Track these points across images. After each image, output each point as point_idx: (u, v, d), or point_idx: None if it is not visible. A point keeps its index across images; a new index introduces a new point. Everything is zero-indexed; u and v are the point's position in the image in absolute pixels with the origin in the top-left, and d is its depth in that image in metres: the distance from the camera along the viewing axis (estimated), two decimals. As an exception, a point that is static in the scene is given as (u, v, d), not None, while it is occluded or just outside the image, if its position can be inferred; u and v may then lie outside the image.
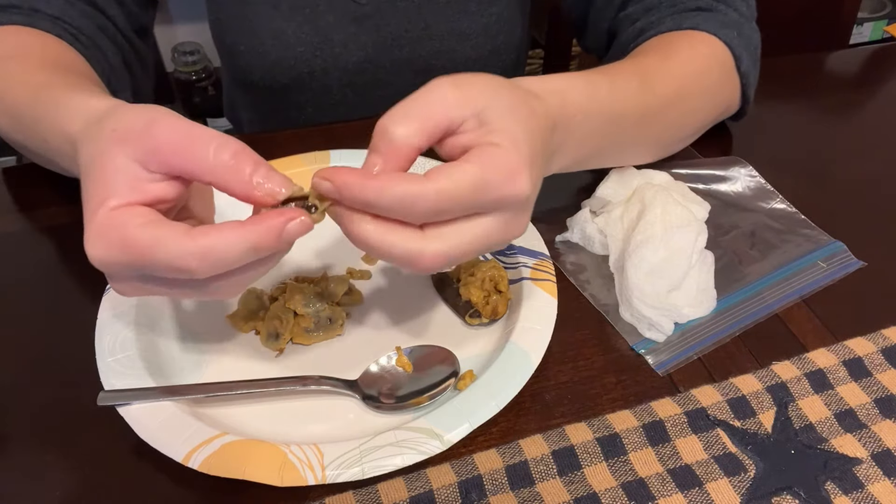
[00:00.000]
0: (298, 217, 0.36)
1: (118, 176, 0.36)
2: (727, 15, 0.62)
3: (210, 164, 0.35)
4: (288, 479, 0.40)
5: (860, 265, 0.56)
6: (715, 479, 0.43)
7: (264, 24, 0.76)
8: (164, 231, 0.35)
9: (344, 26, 0.77)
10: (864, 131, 0.74)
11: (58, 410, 0.47)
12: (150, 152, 0.36)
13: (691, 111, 0.60)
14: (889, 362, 0.49)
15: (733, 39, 0.60)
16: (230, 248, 0.35)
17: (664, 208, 0.53)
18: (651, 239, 0.52)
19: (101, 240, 0.35)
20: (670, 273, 0.51)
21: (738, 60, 0.61)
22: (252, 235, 0.35)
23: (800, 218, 0.60)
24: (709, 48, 0.60)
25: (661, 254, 0.51)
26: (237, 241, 0.35)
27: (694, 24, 0.60)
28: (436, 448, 0.42)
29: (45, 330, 0.52)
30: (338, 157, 0.62)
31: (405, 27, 0.77)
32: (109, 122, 0.38)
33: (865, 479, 0.43)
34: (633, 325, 0.51)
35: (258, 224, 0.35)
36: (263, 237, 0.35)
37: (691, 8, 0.63)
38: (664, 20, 0.62)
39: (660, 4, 0.64)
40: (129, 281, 0.38)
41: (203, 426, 0.43)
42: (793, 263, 0.56)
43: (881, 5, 2.01)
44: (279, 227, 0.35)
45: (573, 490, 0.42)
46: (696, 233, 0.53)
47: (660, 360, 0.49)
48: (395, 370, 0.48)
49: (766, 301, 0.53)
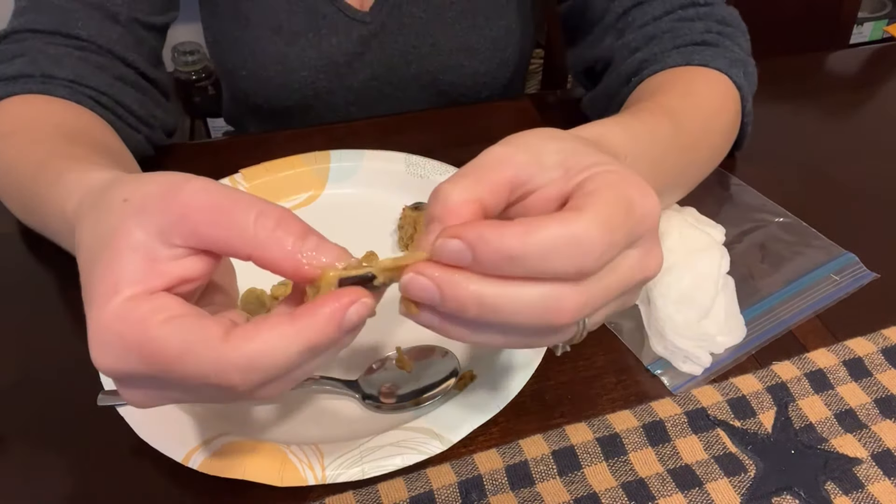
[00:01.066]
0: (360, 298, 0.30)
1: (134, 256, 0.29)
2: (733, 51, 0.60)
3: (251, 233, 0.29)
4: (288, 479, 0.40)
5: (873, 277, 0.55)
6: (715, 479, 0.43)
7: (265, 48, 0.74)
8: (196, 335, 0.28)
9: (349, 47, 0.75)
10: (865, 131, 0.74)
11: (58, 410, 0.47)
12: (175, 222, 0.29)
13: (716, 150, 0.58)
14: (889, 362, 0.49)
15: (741, 79, 0.59)
16: (281, 352, 0.28)
17: (681, 233, 0.52)
18: (674, 266, 0.50)
19: (114, 343, 0.29)
20: (699, 300, 0.49)
21: (745, 101, 0.60)
22: (308, 333, 0.29)
23: (809, 230, 0.59)
24: (723, 87, 0.58)
25: (686, 280, 0.50)
26: (289, 344, 0.28)
27: (704, 61, 0.58)
28: (436, 448, 0.42)
29: (46, 330, 0.52)
30: (338, 157, 0.62)
31: (412, 44, 0.76)
32: (119, 192, 0.31)
33: (865, 479, 0.43)
34: (667, 359, 0.49)
35: (312, 316, 0.29)
36: (321, 332, 0.29)
37: (697, 41, 0.60)
38: (669, 54, 0.59)
39: (662, 35, 0.61)
40: (148, 389, 0.31)
41: (203, 426, 0.43)
42: (805, 277, 0.55)
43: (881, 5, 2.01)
44: (339, 315, 0.29)
45: (573, 490, 0.42)
46: (720, 256, 0.51)
47: (675, 382, 0.48)
48: (395, 370, 0.48)
49: (781, 317, 0.52)
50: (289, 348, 0.29)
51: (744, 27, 0.63)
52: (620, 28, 0.64)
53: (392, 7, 0.75)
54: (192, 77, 1.74)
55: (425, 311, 0.31)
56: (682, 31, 0.61)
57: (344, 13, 0.74)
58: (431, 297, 0.30)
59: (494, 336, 0.32)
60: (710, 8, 0.62)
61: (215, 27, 0.78)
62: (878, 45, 0.91)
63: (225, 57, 0.78)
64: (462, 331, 0.31)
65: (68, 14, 0.59)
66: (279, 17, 0.74)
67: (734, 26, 0.62)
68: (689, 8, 0.62)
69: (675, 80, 0.58)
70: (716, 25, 0.61)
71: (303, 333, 0.29)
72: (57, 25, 0.59)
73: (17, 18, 0.61)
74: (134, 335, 0.28)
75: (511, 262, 0.28)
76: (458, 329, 0.31)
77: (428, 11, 0.75)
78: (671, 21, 0.62)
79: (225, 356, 0.28)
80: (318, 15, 0.74)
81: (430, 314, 0.31)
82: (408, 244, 0.56)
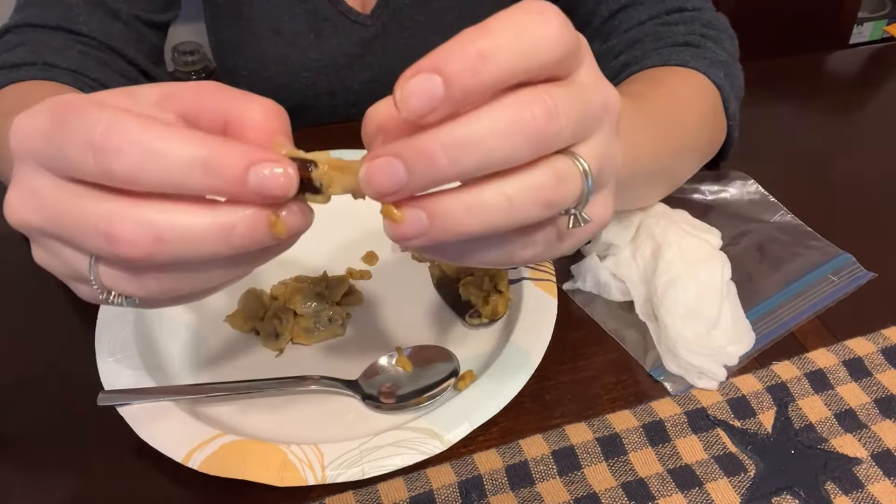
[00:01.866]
0: (284, 167, 0.26)
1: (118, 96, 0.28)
2: (715, 53, 0.58)
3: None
4: (288, 479, 0.40)
5: (871, 277, 0.55)
6: (715, 479, 0.43)
7: (267, 49, 0.75)
8: (119, 106, 0.26)
9: (350, 49, 0.76)
10: (865, 131, 0.74)
11: (58, 410, 0.47)
12: (167, 96, 0.28)
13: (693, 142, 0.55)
14: (889, 362, 0.49)
15: (721, 80, 0.57)
16: (173, 145, 0.25)
17: (680, 244, 0.51)
18: (677, 279, 0.49)
19: (40, 112, 0.26)
20: (706, 311, 0.49)
21: (727, 102, 0.58)
22: (211, 148, 0.25)
23: (806, 230, 0.59)
24: (700, 85, 0.56)
25: (691, 292, 0.49)
26: (188, 146, 0.25)
27: (682, 61, 0.56)
28: (436, 448, 0.42)
29: (46, 330, 0.52)
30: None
31: (412, 47, 0.76)
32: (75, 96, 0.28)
33: (865, 479, 0.43)
34: (682, 376, 0.48)
35: (224, 142, 0.26)
36: (224, 155, 0.25)
37: (679, 42, 0.59)
38: (649, 54, 0.58)
39: (645, 38, 0.61)
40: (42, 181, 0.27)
41: (203, 426, 0.43)
42: (804, 278, 0.55)
43: (881, 5, 2.01)
44: (251, 157, 0.25)
45: (573, 490, 0.42)
46: (722, 264, 0.51)
47: (678, 387, 0.48)
48: (395, 370, 0.48)
49: (782, 319, 0.52)
50: (185, 147, 0.25)
51: (731, 32, 0.63)
52: (606, 32, 0.65)
53: (393, 10, 0.75)
54: (192, 77, 1.74)
55: (408, 209, 0.27)
56: (665, 35, 0.60)
57: (346, 15, 0.74)
58: (396, 173, 0.25)
59: (493, 214, 0.27)
60: (696, 13, 0.62)
61: (217, 27, 0.78)
62: (878, 45, 0.91)
63: (227, 57, 0.79)
64: (456, 220, 0.27)
65: (70, 10, 0.60)
66: (281, 18, 0.74)
67: (720, 30, 0.61)
68: (675, 13, 0.62)
69: (647, 75, 0.57)
70: (700, 28, 0.60)
71: (206, 146, 0.25)
72: (58, 21, 0.59)
73: (18, 13, 0.61)
74: (60, 101, 0.26)
75: (484, 62, 0.25)
76: (453, 220, 0.27)
77: (428, 15, 0.75)
78: (655, 25, 0.62)
79: (118, 118, 0.25)
80: (319, 17, 0.74)
81: (414, 210, 0.27)
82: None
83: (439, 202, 0.27)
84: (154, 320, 0.51)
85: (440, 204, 0.27)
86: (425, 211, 0.27)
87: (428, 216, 0.27)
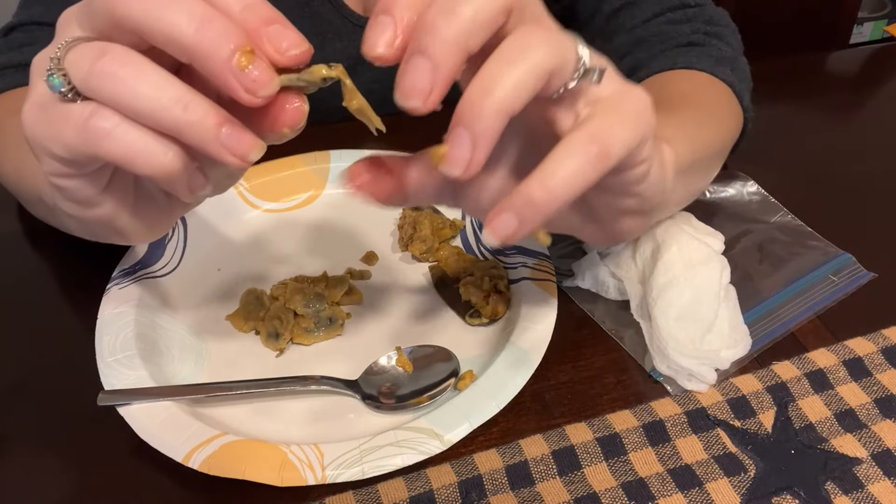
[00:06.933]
0: (271, 79, 0.30)
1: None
2: (720, 49, 0.59)
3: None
4: (288, 479, 0.40)
5: (871, 277, 0.55)
6: (715, 479, 0.43)
7: None
8: None
9: (352, 52, 0.75)
10: (865, 131, 0.74)
11: (58, 410, 0.47)
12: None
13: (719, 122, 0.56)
14: (889, 362, 0.49)
15: (729, 76, 0.57)
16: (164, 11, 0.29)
17: (680, 245, 0.51)
18: (674, 281, 0.49)
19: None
20: (701, 314, 0.48)
21: (740, 96, 0.58)
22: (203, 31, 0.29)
23: (806, 230, 0.59)
24: (707, 81, 0.56)
25: (687, 295, 0.49)
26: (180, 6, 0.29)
27: (688, 63, 0.57)
28: (436, 448, 0.42)
29: (45, 330, 0.52)
30: (338, 157, 0.62)
31: None
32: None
33: (865, 479, 0.43)
34: (672, 377, 0.48)
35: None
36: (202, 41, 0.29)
37: (683, 43, 0.59)
38: (655, 57, 0.59)
39: (650, 38, 0.61)
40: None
41: (203, 426, 0.43)
42: (804, 278, 0.55)
43: (881, 5, 2.01)
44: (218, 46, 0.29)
45: (573, 490, 0.42)
46: (721, 268, 0.51)
47: (678, 388, 0.48)
48: (395, 370, 0.48)
49: (782, 319, 0.52)
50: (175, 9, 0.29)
51: (733, 26, 0.63)
52: (610, 30, 0.64)
53: None
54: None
55: (455, 131, 0.31)
56: (670, 35, 0.60)
57: (348, 20, 0.74)
58: (421, 66, 0.30)
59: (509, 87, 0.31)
60: (698, 9, 0.62)
61: None
62: (878, 45, 0.92)
63: None
64: (491, 109, 0.31)
65: None
66: None
67: (723, 25, 0.62)
68: (679, 10, 0.62)
69: (654, 80, 0.57)
70: (703, 26, 0.61)
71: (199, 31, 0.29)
72: None
73: (24, 11, 0.61)
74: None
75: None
76: (487, 116, 0.31)
77: None
78: (660, 24, 0.62)
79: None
80: (322, 20, 0.74)
81: (461, 130, 0.31)
82: (407, 244, 0.56)
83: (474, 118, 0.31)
84: (154, 320, 0.51)
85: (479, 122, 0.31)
86: (468, 133, 0.31)
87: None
